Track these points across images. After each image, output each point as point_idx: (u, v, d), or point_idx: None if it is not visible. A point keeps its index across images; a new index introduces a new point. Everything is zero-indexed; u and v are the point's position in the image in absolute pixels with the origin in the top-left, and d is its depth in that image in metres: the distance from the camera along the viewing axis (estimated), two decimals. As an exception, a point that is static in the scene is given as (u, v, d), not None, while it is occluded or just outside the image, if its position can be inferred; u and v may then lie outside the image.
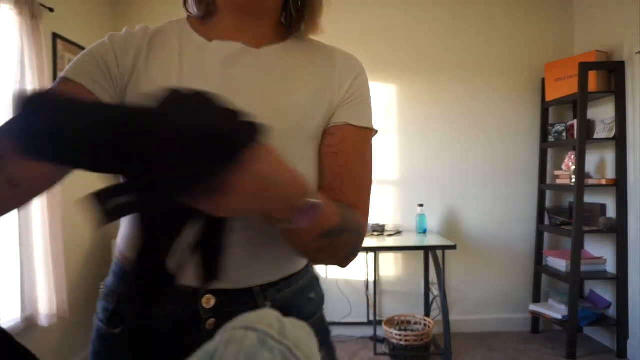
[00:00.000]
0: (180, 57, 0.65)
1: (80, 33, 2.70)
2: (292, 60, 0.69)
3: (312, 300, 0.72)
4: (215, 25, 0.69)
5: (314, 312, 0.72)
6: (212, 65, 0.64)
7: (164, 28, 0.72)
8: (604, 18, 2.95)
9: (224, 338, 0.36)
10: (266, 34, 0.69)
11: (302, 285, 0.70)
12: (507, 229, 3.25)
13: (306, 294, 0.71)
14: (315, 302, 0.73)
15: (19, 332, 2.02)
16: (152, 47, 0.66)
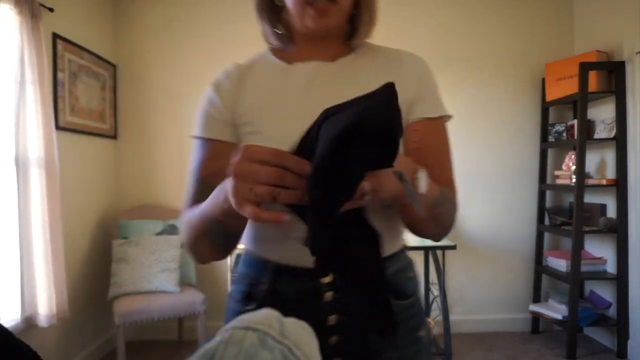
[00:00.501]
0: (271, 82, 0.78)
1: (80, 33, 2.70)
2: (364, 66, 0.78)
3: (412, 280, 0.80)
4: (294, 52, 0.80)
5: (414, 290, 0.79)
6: (296, 82, 0.76)
7: (252, 61, 0.84)
8: (604, 18, 2.94)
9: (224, 338, 0.35)
10: (336, 50, 0.79)
11: (402, 265, 0.78)
12: (507, 229, 3.25)
13: (406, 273, 0.79)
14: (414, 282, 0.80)
15: (19, 332, 2.02)
16: (245, 78, 0.80)
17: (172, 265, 2.68)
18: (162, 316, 2.48)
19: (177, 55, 3.17)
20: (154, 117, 3.18)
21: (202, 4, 3.17)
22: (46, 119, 2.15)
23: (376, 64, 0.79)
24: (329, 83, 0.75)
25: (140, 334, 3.13)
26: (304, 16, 0.72)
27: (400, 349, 0.75)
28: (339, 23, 0.76)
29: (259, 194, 0.49)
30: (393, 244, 0.77)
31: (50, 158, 2.17)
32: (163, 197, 3.17)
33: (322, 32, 0.75)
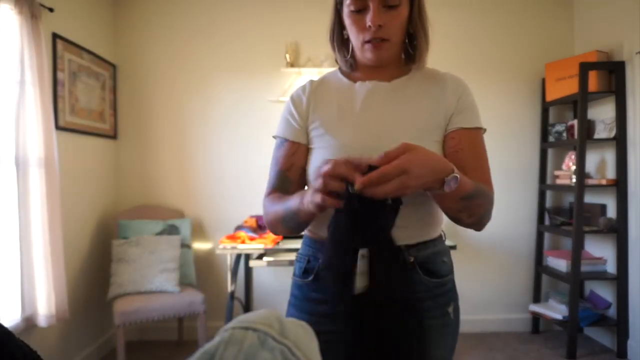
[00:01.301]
0: (337, 96, 0.98)
1: (80, 33, 2.70)
2: (413, 86, 0.96)
3: (446, 263, 0.97)
4: (359, 74, 1.00)
5: (447, 272, 0.96)
6: (357, 97, 0.96)
7: (325, 77, 1.05)
8: (604, 18, 2.94)
9: (223, 338, 0.35)
10: (393, 72, 0.98)
11: (437, 250, 0.95)
12: (507, 229, 3.25)
13: (441, 257, 0.96)
14: (448, 265, 0.97)
15: (19, 332, 2.02)
16: (318, 93, 1.00)
17: (172, 265, 2.68)
18: (162, 316, 2.48)
19: (177, 55, 3.17)
20: (154, 117, 3.18)
21: (202, 4, 3.18)
22: (46, 119, 2.15)
23: (424, 84, 0.97)
24: (383, 99, 0.95)
25: (140, 334, 3.13)
26: (363, 51, 0.92)
27: (430, 319, 0.90)
28: (392, 55, 0.95)
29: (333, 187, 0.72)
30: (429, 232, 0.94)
31: (50, 158, 2.17)
32: (163, 197, 3.17)
33: (378, 63, 0.94)
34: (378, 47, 0.90)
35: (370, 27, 0.86)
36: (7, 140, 2.05)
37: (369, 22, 0.86)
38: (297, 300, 1.00)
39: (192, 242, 3.07)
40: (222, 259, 3.15)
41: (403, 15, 0.89)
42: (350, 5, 0.88)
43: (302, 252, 1.02)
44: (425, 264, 0.92)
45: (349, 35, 0.94)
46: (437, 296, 0.93)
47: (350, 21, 0.90)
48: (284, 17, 3.14)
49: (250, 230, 2.74)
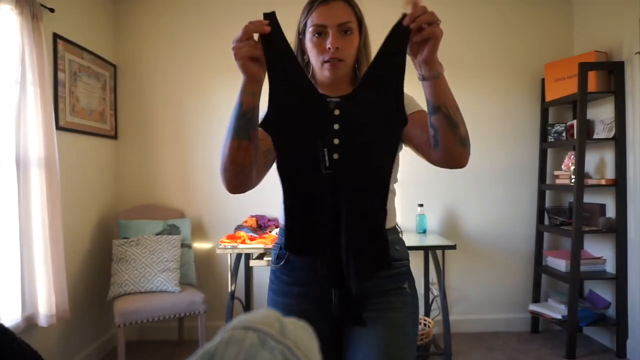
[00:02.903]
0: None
1: (80, 33, 2.70)
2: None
3: (398, 251, 1.13)
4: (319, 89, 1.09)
5: (399, 258, 1.12)
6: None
7: None
8: (603, 18, 2.95)
9: (224, 338, 0.36)
10: (347, 89, 1.08)
11: (392, 239, 1.11)
12: (506, 229, 3.25)
13: (393, 245, 1.11)
14: (400, 253, 1.13)
15: (20, 332, 2.02)
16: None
17: (172, 265, 2.69)
18: (162, 316, 2.48)
19: (177, 56, 3.17)
20: (154, 117, 3.18)
21: (202, 4, 3.18)
22: (46, 119, 2.15)
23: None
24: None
25: (140, 334, 3.13)
26: (322, 70, 1.07)
27: (386, 295, 1.08)
28: (345, 74, 1.10)
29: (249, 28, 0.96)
30: (389, 221, 1.09)
31: (50, 158, 2.17)
32: (163, 197, 3.17)
33: (334, 80, 1.09)
34: (335, 67, 1.05)
35: (330, 48, 1.03)
36: (8, 140, 2.05)
37: (329, 44, 1.03)
38: (273, 284, 1.16)
39: (192, 242, 3.07)
40: (222, 258, 3.15)
41: (355, 41, 1.08)
42: (314, 31, 1.06)
43: (277, 241, 1.17)
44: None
45: (310, 58, 1.10)
46: (392, 276, 1.09)
47: (311, 45, 1.07)
48: (284, 16, 3.14)
49: (250, 230, 2.74)
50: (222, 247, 2.52)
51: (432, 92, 0.94)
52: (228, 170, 0.99)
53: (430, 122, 0.97)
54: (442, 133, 0.97)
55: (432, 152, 1.02)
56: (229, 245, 2.52)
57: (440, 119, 0.95)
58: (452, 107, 0.96)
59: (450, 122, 0.95)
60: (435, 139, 0.98)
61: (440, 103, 0.94)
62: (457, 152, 1.01)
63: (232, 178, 1.01)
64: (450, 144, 0.98)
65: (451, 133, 0.96)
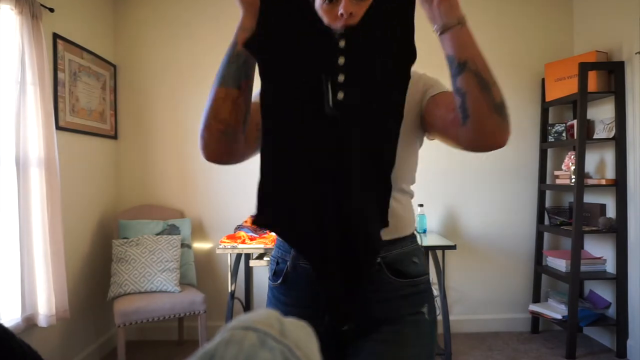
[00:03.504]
0: None
1: (80, 33, 2.70)
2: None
3: (417, 264, 0.94)
4: None
5: (418, 273, 0.94)
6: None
7: None
8: (604, 18, 2.95)
9: (224, 338, 0.36)
10: None
11: (406, 250, 0.94)
12: (507, 229, 3.25)
13: (410, 257, 0.94)
14: (419, 266, 0.95)
15: (19, 332, 2.02)
16: None
17: (172, 265, 2.68)
18: (162, 316, 2.48)
19: (177, 56, 3.17)
20: (154, 117, 3.18)
21: (202, 4, 3.18)
22: (46, 119, 2.15)
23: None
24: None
25: (140, 334, 3.13)
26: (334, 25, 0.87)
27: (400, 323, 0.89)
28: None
29: None
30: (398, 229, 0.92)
31: (50, 158, 2.17)
32: (163, 197, 3.17)
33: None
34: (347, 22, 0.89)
35: (343, 14, 0.87)
36: (8, 140, 2.05)
37: (342, 10, 0.87)
38: (271, 303, 1.01)
39: (192, 242, 3.07)
40: (222, 258, 3.15)
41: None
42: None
43: (273, 253, 1.01)
44: (392, 264, 0.91)
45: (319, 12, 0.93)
46: (408, 296, 0.91)
47: (321, 12, 0.91)
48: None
49: (250, 230, 2.74)
50: (222, 247, 2.52)
51: (455, 44, 0.78)
52: (209, 128, 0.84)
53: (456, 86, 0.79)
54: (471, 97, 0.77)
55: (459, 130, 0.82)
56: (229, 245, 2.52)
57: (469, 79, 0.76)
58: (482, 62, 0.77)
59: (481, 82, 0.76)
60: (464, 108, 0.78)
61: (467, 57, 0.77)
62: (491, 123, 0.78)
63: (212, 140, 0.84)
64: (482, 111, 0.77)
65: (483, 96, 0.76)
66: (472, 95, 0.76)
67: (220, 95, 0.81)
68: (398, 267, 0.91)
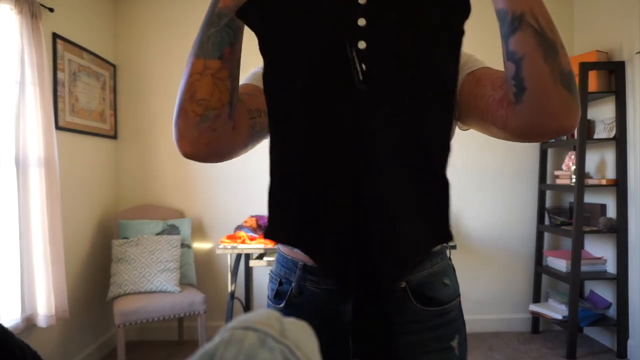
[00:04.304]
0: None
1: (80, 33, 2.70)
2: None
3: (448, 286, 0.77)
4: None
5: (449, 298, 0.76)
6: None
7: None
8: (604, 18, 2.94)
9: (224, 338, 0.35)
10: None
11: (435, 270, 0.76)
12: (507, 229, 3.25)
13: (440, 278, 0.76)
14: (451, 288, 0.77)
15: (19, 332, 2.02)
16: None
17: (172, 265, 2.68)
18: (162, 316, 2.48)
19: (177, 55, 3.17)
20: (154, 117, 3.18)
21: (203, 4, 3.17)
22: (46, 119, 2.15)
23: None
24: None
25: (140, 334, 3.13)
26: None
27: (428, 354, 0.74)
28: None
29: None
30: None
31: (50, 158, 2.17)
32: (163, 197, 3.17)
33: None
34: None
35: None
36: (7, 140, 2.04)
37: None
38: None
39: (192, 242, 3.07)
40: (222, 259, 3.15)
41: None
42: None
43: (274, 270, 0.85)
44: (419, 289, 0.74)
45: None
46: (437, 327, 0.74)
47: None
48: None
49: (250, 230, 2.74)
50: (222, 247, 2.52)
51: None
52: (184, 113, 0.63)
53: (509, 49, 0.60)
54: (530, 63, 0.58)
55: (510, 112, 0.62)
56: (229, 246, 2.52)
57: (527, 39, 0.58)
58: (545, 16, 0.59)
59: (544, 42, 0.58)
60: (519, 79, 0.59)
61: (525, 9, 0.58)
62: (557, 99, 0.58)
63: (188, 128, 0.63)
64: (545, 82, 0.58)
65: (546, 62, 0.58)
66: (531, 60, 0.58)
67: (197, 69, 0.63)
68: (425, 292, 0.74)
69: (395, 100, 0.64)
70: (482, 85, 0.68)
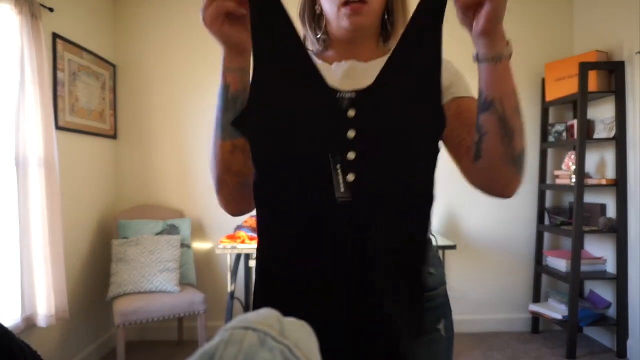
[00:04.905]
0: None
1: (80, 33, 2.70)
2: None
3: (433, 275, 0.85)
4: (332, 54, 0.88)
5: (434, 286, 0.84)
6: (335, 79, 0.80)
7: None
8: (604, 18, 2.94)
9: (223, 338, 0.35)
10: (372, 52, 0.86)
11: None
12: (507, 229, 3.25)
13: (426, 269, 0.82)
14: (436, 277, 0.86)
15: (19, 332, 2.02)
16: None
17: (172, 265, 2.68)
18: (162, 316, 2.48)
19: (178, 56, 3.17)
20: (154, 117, 3.18)
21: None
22: (46, 119, 2.15)
23: None
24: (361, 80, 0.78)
25: (140, 334, 3.13)
26: (339, 18, 0.80)
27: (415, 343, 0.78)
28: (371, 23, 0.82)
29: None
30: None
31: (50, 158, 2.17)
32: (163, 197, 3.17)
33: (355, 32, 0.82)
34: (356, 11, 0.77)
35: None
36: (7, 140, 2.04)
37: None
38: None
39: (192, 242, 3.07)
40: (222, 259, 3.15)
41: None
42: None
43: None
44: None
45: (323, 6, 0.83)
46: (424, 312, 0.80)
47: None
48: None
49: (250, 230, 2.74)
50: (221, 248, 2.52)
51: (487, 79, 0.69)
52: (225, 185, 0.74)
53: (478, 122, 0.70)
54: (489, 141, 0.69)
55: (471, 165, 0.74)
56: (229, 246, 2.52)
57: (492, 121, 0.68)
58: (512, 106, 0.67)
59: (505, 128, 0.67)
60: (479, 148, 0.71)
61: (496, 96, 0.67)
62: (504, 174, 0.71)
63: (233, 196, 0.75)
64: (497, 160, 0.69)
65: (502, 144, 0.68)
66: (491, 139, 0.68)
67: (226, 150, 0.72)
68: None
69: (383, 205, 0.67)
70: (461, 123, 0.77)
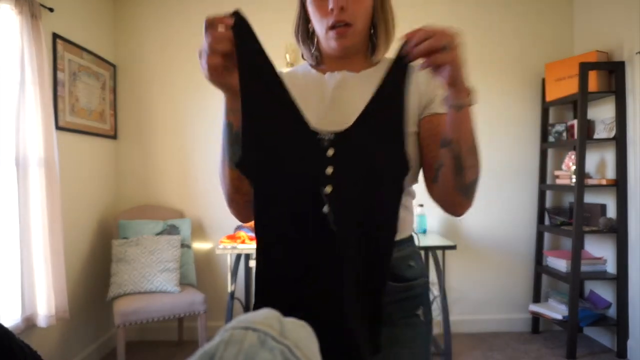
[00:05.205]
0: (306, 87, 0.94)
1: (80, 33, 2.70)
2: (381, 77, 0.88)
3: (413, 267, 0.92)
4: (325, 66, 0.98)
5: (414, 277, 0.92)
6: (329, 88, 0.92)
7: (294, 70, 1.03)
8: (604, 18, 2.94)
9: (223, 338, 0.35)
10: (361, 64, 0.95)
11: (402, 254, 0.91)
12: (507, 229, 3.25)
13: (406, 262, 0.92)
14: (416, 269, 0.93)
15: (19, 332, 2.02)
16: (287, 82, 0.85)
17: (172, 265, 2.68)
18: (162, 316, 2.48)
19: (177, 55, 3.17)
20: (154, 117, 3.18)
21: (203, 4, 3.17)
22: (46, 119, 2.15)
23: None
24: (352, 90, 0.91)
25: (140, 334, 3.13)
26: (327, 39, 0.89)
27: (394, 326, 0.87)
28: (357, 42, 0.91)
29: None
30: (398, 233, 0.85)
31: (50, 158, 2.17)
32: (163, 197, 3.17)
33: (343, 52, 0.91)
34: (342, 34, 0.87)
35: (333, 9, 0.84)
36: (7, 140, 2.04)
37: (332, 4, 0.84)
38: None
39: (192, 242, 3.07)
40: (222, 259, 3.15)
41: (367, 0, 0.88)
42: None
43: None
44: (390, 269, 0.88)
45: (314, 25, 0.92)
46: (402, 300, 0.89)
47: (313, 7, 0.89)
48: (284, 16, 3.14)
49: (250, 230, 2.74)
50: (221, 247, 2.52)
51: (449, 122, 0.78)
52: (235, 203, 0.88)
53: (440, 153, 0.82)
54: (444, 172, 0.81)
55: (431, 184, 0.87)
56: (229, 246, 2.52)
57: (447, 157, 0.79)
58: (466, 147, 0.78)
59: (457, 165, 0.79)
60: (436, 175, 0.83)
61: (454, 138, 0.78)
62: (454, 200, 0.85)
63: (243, 211, 0.89)
64: (449, 187, 0.82)
65: (453, 177, 0.80)
66: (445, 170, 0.80)
67: (235, 176, 0.83)
68: (395, 271, 0.88)
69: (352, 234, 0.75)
70: (434, 140, 0.86)
